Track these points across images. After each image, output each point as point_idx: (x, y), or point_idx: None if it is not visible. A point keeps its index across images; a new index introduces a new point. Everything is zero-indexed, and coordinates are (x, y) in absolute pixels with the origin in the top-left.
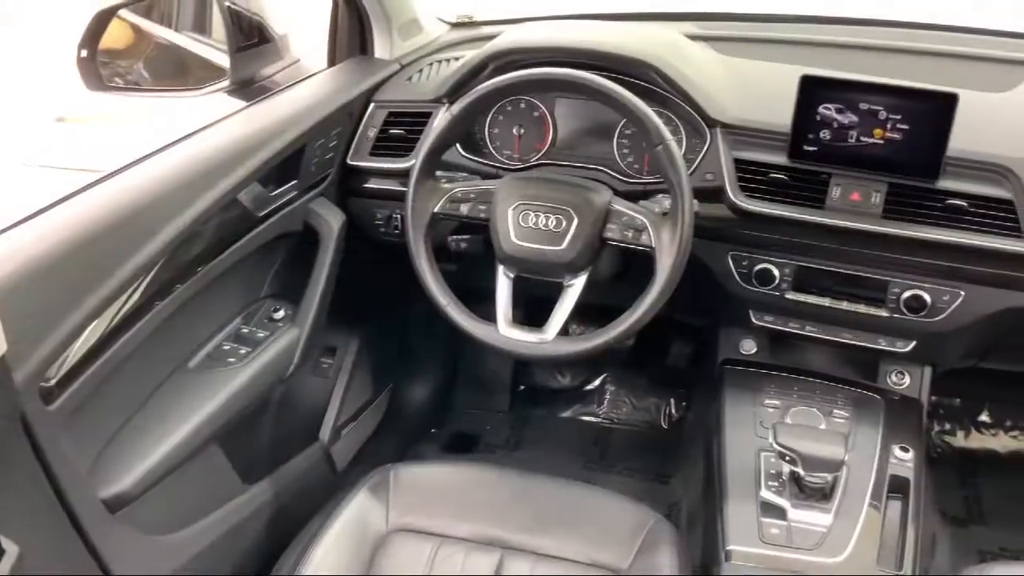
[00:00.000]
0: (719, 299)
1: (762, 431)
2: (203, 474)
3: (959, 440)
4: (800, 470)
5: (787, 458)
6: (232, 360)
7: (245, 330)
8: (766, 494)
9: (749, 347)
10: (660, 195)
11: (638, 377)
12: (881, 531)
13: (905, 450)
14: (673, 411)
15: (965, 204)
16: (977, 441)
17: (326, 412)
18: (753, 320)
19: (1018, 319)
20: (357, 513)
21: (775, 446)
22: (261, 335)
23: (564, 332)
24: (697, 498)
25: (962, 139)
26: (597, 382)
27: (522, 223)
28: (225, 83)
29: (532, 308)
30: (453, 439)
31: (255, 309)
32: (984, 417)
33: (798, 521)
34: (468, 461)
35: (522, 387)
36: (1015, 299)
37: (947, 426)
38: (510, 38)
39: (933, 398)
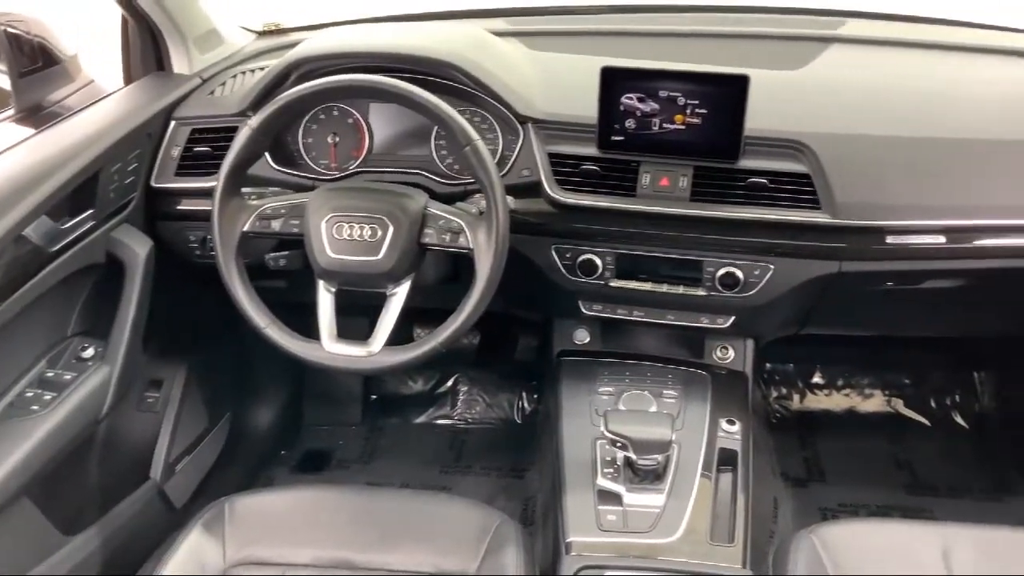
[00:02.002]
0: (549, 292)
1: (597, 419)
2: (14, 532)
3: (796, 404)
4: (632, 454)
5: (618, 444)
6: (36, 408)
7: (50, 373)
8: (602, 482)
9: (582, 337)
10: (477, 195)
11: (489, 375)
12: (713, 505)
13: (732, 423)
14: (525, 405)
15: (766, 181)
16: (813, 403)
17: (156, 448)
18: (583, 310)
19: (827, 286)
20: (191, 552)
21: (606, 434)
22: (68, 377)
23: (409, 339)
24: (548, 490)
25: (759, 118)
26: (449, 384)
27: (336, 235)
28: (9, 111)
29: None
30: (304, 459)
31: (61, 350)
32: (817, 379)
33: (633, 505)
34: (308, 484)
35: (374, 397)
36: (821, 268)
37: (783, 391)
38: (311, 45)
39: (768, 365)
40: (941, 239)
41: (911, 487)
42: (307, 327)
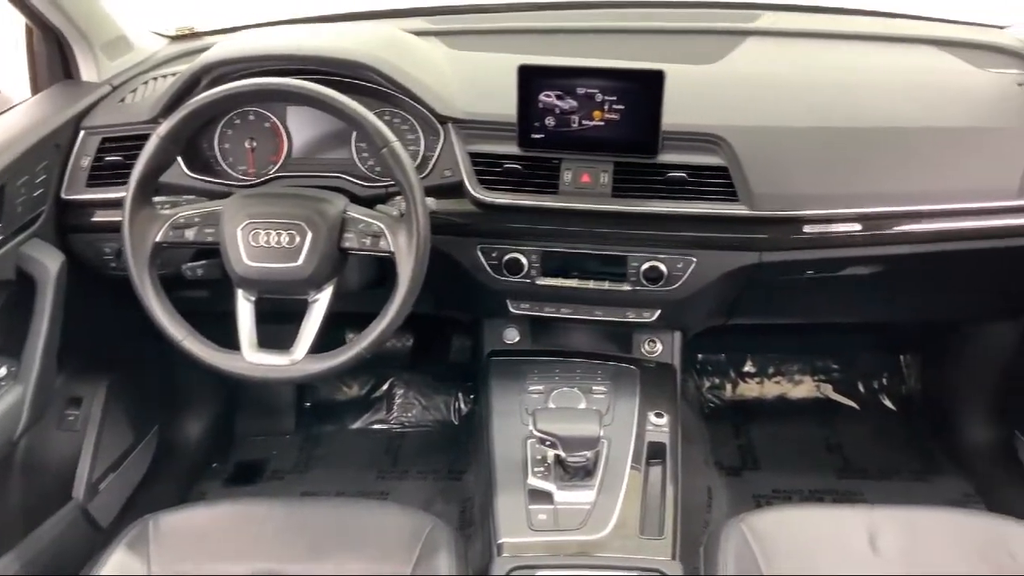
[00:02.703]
0: (476, 292)
1: (527, 418)
2: None
3: (729, 393)
4: (561, 452)
5: (547, 442)
6: None
7: None
8: (533, 481)
9: (512, 336)
10: (398, 197)
11: (424, 377)
12: (643, 498)
13: (660, 416)
14: (462, 406)
15: (685, 175)
16: (745, 392)
17: (78, 468)
18: (511, 309)
19: (749, 277)
20: (114, 573)
21: (535, 433)
22: None
23: (342, 344)
24: (483, 492)
25: (677, 113)
26: (384, 388)
27: (253, 243)
28: None
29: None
30: (237, 471)
31: None
32: (748, 368)
33: (564, 503)
34: (238, 498)
35: (308, 404)
36: (742, 259)
37: (716, 381)
38: (222, 49)
39: (700, 356)
40: (857, 227)
41: (842, 471)
42: (233, 337)
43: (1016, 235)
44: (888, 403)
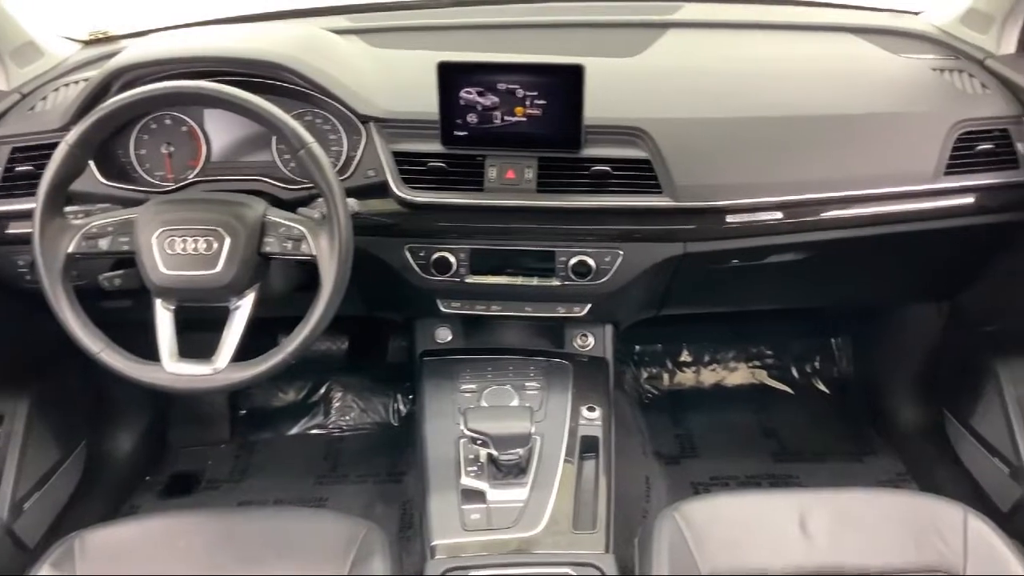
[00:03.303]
0: (406, 293)
1: (459, 418)
2: None
3: (666, 383)
4: (493, 451)
5: (479, 442)
6: None
7: None
8: (466, 480)
9: (444, 335)
10: (320, 200)
11: (361, 379)
12: (576, 493)
13: (592, 409)
14: (401, 407)
15: (609, 169)
16: (682, 381)
17: (0, 487)
18: (442, 308)
19: (676, 268)
20: None
21: (466, 432)
22: None
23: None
24: (419, 493)
25: (599, 106)
26: (321, 392)
27: (169, 250)
28: None
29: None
30: (171, 483)
31: None
32: (685, 357)
33: (497, 501)
34: (170, 511)
35: (243, 412)
36: (668, 251)
37: (653, 372)
38: (132, 53)
39: (637, 348)
40: (778, 215)
41: (778, 455)
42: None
43: (934, 217)
44: (821, 387)
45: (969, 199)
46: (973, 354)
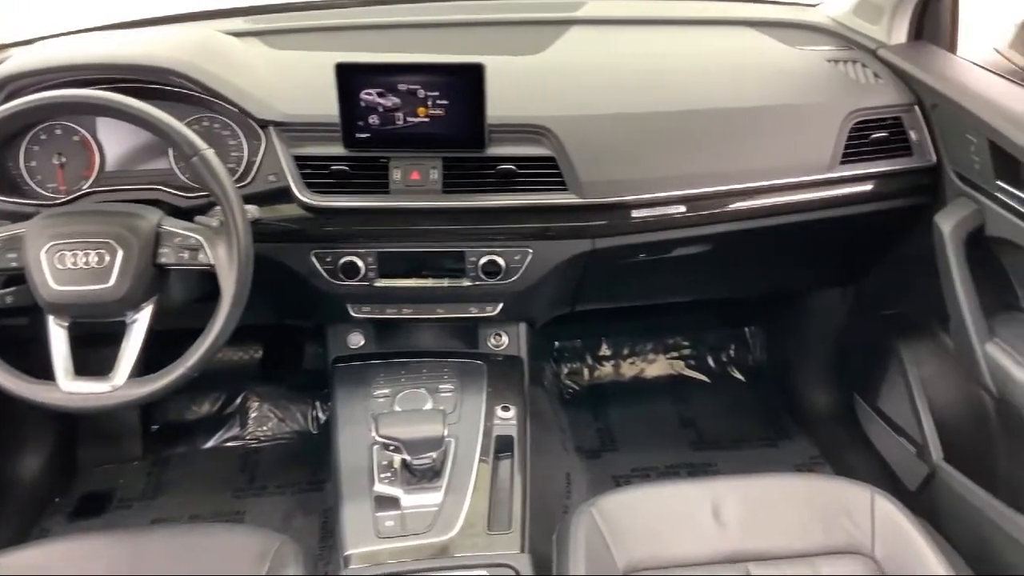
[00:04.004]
0: (315, 299)
1: (372, 424)
2: None
3: (586, 378)
4: (407, 456)
5: (391, 447)
6: None
7: None
8: (380, 487)
9: (356, 340)
10: (218, 207)
11: (278, 388)
12: (491, 494)
13: (507, 409)
14: (319, 415)
15: (515, 167)
16: (602, 375)
17: None
18: (352, 313)
19: (586, 264)
20: None
21: (378, 438)
22: None
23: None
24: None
25: (503, 105)
26: (237, 403)
27: (59, 265)
28: None
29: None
30: (82, 503)
31: None
32: (604, 351)
33: (411, 507)
34: (77, 533)
35: (155, 427)
36: (576, 247)
37: (574, 367)
38: (17, 61)
39: (557, 344)
40: (682, 208)
41: (696, 444)
42: None
43: (832, 206)
44: (737, 375)
45: (866, 187)
46: (878, 337)
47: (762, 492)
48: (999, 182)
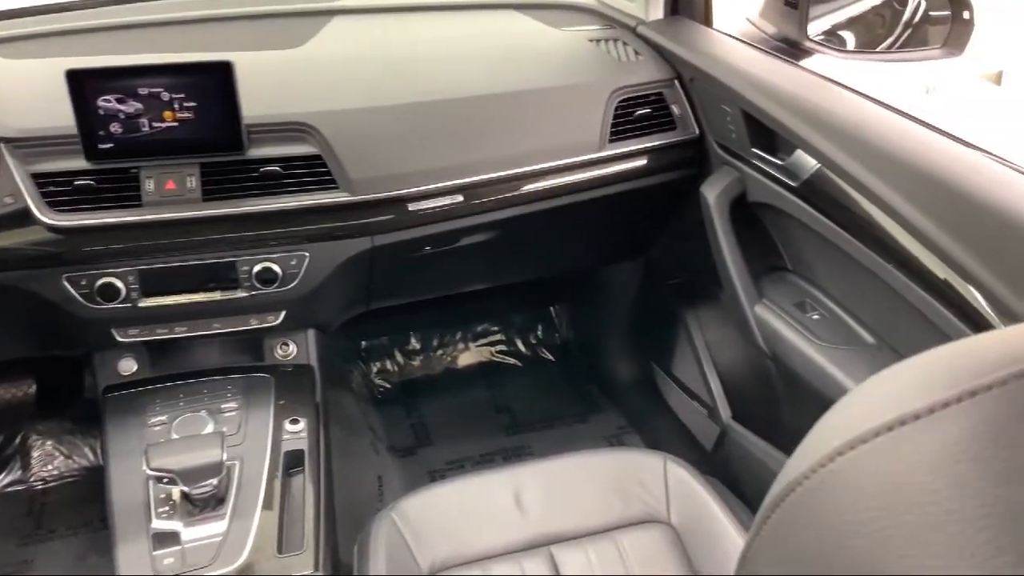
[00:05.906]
0: (75, 326)
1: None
2: None
3: (397, 375)
4: (184, 487)
5: (165, 480)
6: None
7: None
8: (157, 523)
9: (129, 367)
10: None
11: (61, 423)
12: (282, 514)
13: (296, 422)
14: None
15: (279, 168)
16: (413, 370)
17: None
18: (118, 338)
19: (370, 262)
20: None
21: (149, 472)
22: None
23: None
24: None
25: (260, 103)
26: (16, 444)
27: None
28: None
29: None
30: None
31: None
32: (413, 345)
33: (193, 540)
34: None
35: None
36: (355, 246)
37: (383, 365)
38: None
39: (364, 343)
40: (459, 198)
41: (511, 428)
42: None
43: (607, 184)
44: (547, 355)
45: (636, 163)
46: (668, 307)
47: (560, 473)
48: (755, 149)
